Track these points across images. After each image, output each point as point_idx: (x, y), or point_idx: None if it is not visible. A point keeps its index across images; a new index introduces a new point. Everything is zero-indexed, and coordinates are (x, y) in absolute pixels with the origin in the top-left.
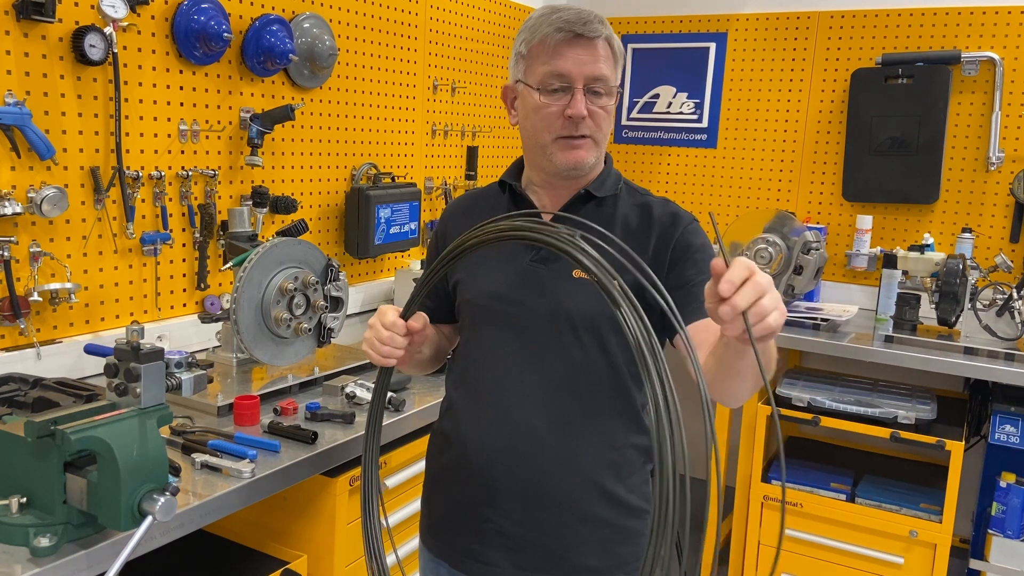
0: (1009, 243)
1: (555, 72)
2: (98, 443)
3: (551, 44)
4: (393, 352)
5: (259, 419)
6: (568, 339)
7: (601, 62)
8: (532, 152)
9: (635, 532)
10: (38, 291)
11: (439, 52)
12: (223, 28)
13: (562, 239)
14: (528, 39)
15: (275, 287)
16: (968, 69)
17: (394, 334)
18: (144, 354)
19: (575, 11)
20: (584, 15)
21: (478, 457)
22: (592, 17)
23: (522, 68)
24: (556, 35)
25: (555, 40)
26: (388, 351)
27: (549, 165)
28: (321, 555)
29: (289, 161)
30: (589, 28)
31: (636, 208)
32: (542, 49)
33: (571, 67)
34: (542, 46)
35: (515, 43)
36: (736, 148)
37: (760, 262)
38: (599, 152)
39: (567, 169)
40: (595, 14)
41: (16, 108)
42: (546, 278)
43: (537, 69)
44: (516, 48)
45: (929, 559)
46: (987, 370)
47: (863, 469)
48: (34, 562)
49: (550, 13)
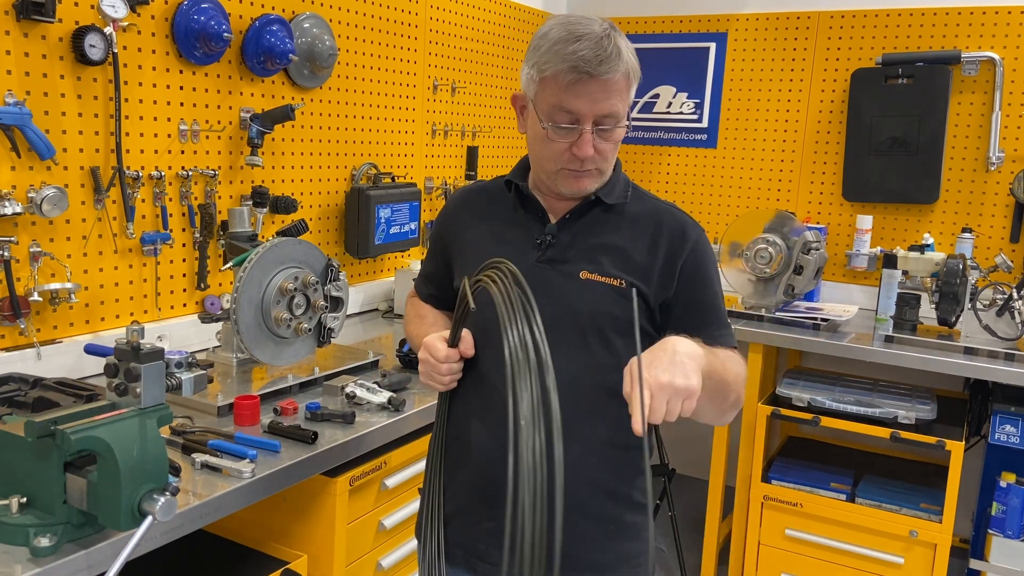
0: (1009, 243)
1: (564, 109)
2: (98, 443)
3: (563, 83)
4: (454, 378)
5: (259, 419)
6: (574, 340)
7: (615, 98)
8: (536, 170)
9: (639, 527)
10: (38, 291)
11: (439, 52)
12: (223, 28)
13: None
14: (541, 66)
15: (275, 287)
16: (968, 69)
17: (451, 363)
18: (144, 354)
19: (592, 42)
20: (601, 49)
21: (481, 456)
22: (610, 52)
23: (533, 90)
24: (569, 75)
25: (568, 80)
26: (450, 380)
27: (553, 186)
28: (321, 555)
29: (289, 161)
30: (604, 68)
31: (644, 215)
32: (554, 85)
33: (582, 107)
34: (554, 82)
35: (528, 54)
36: (736, 148)
37: (760, 262)
38: (603, 177)
39: (570, 194)
40: (613, 43)
41: (16, 108)
42: (553, 279)
43: (547, 100)
44: (529, 63)
45: (929, 559)
46: (987, 370)
47: (863, 469)
48: (34, 562)
49: (568, 41)
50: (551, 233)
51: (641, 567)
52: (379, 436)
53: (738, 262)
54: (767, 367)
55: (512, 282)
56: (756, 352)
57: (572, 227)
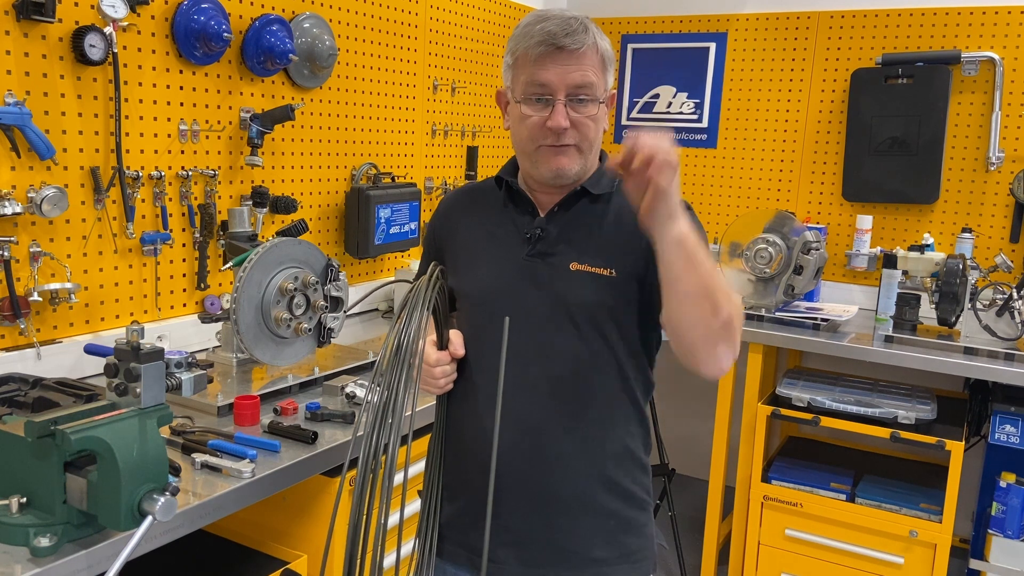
0: (1009, 243)
1: (536, 82)
2: (98, 443)
3: (532, 56)
4: (450, 380)
5: (259, 419)
6: (569, 332)
7: (586, 69)
8: (520, 159)
9: (639, 522)
10: (38, 291)
11: (439, 52)
12: (223, 28)
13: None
14: (513, 49)
15: (275, 287)
16: (968, 69)
17: (443, 366)
18: (144, 354)
19: (559, 20)
20: (568, 25)
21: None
22: (576, 27)
23: (509, 77)
24: (537, 48)
25: (536, 53)
26: (445, 382)
27: (535, 172)
28: (321, 555)
29: (289, 161)
30: (571, 39)
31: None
32: (525, 61)
33: (552, 77)
34: (525, 58)
35: (506, 50)
36: (736, 148)
37: (760, 262)
38: (584, 159)
39: (550, 177)
40: (580, 21)
41: (16, 108)
42: (544, 272)
43: (520, 80)
44: (505, 56)
45: (929, 559)
46: (987, 370)
47: (863, 469)
48: (34, 562)
49: (535, 22)
50: (540, 226)
51: (641, 563)
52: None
53: (738, 262)
54: (767, 367)
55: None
56: (756, 352)
57: (560, 219)
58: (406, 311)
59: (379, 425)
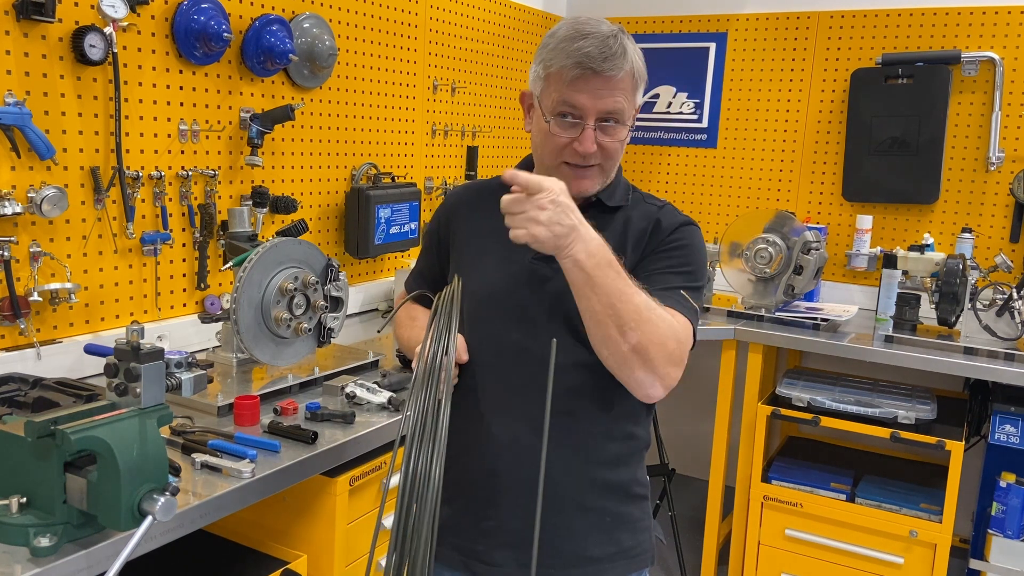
0: (1009, 243)
1: (567, 103)
2: (98, 443)
3: (567, 78)
4: (452, 383)
5: (259, 419)
6: (569, 335)
7: (618, 95)
8: (538, 167)
9: (635, 518)
10: (38, 291)
11: (439, 52)
12: (223, 28)
13: None
14: (548, 62)
15: (275, 287)
16: (968, 69)
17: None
18: (144, 354)
19: (598, 40)
20: (607, 47)
21: (481, 455)
22: (616, 50)
23: (539, 87)
24: (573, 71)
25: (572, 76)
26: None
27: None
28: (321, 555)
29: (289, 161)
30: (609, 64)
31: (639, 218)
32: (559, 80)
33: (584, 102)
34: (559, 77)
35: (537, 52)
36: (736, 148)
37: (760, 262)
38: (605, 178)
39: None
40: (620, 42)
41: (16, 108)
42: (548, 275)
43: (551, 96)
44: (537, 61)
45: (929, 559)
46: (987, 370)
47: (863, 469)
48: (34, 562)
49: (573, 38)
50: None
51: (639, 559)
52: (379, 436)
53: (738, 262)
54: (767, 367)
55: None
56: (756, 352)
57: None
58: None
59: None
